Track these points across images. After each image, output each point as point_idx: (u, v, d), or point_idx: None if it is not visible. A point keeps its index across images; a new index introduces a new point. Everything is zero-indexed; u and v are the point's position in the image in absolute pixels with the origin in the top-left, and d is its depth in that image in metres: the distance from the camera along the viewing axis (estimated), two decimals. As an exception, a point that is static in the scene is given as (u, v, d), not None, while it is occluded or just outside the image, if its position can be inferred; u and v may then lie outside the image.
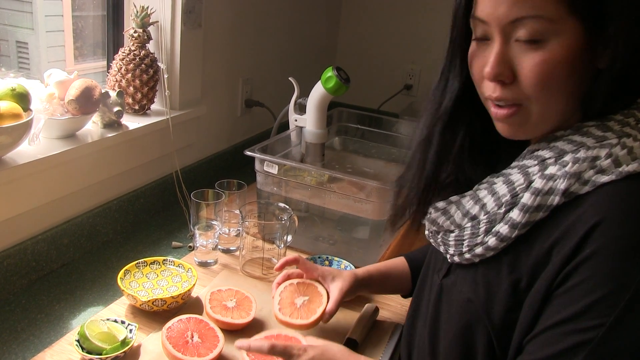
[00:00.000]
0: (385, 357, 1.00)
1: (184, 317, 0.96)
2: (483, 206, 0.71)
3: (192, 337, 0.92)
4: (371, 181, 1.24)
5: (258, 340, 0.86)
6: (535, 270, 0.65)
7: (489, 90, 0.68)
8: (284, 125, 1.60)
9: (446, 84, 0.77)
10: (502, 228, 0.68)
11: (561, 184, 0.64)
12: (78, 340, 0.91)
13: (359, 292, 1.05)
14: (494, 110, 0.69)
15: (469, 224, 0.72)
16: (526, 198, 0.66)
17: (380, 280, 1.06)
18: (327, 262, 1.24)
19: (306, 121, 1.49)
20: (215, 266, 1.24)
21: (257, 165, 1.33)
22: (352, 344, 0.99)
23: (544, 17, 0.62)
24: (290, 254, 1.29)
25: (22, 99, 1.06)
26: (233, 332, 1.00)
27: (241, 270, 1.23)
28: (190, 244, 1.32)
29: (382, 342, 1.03)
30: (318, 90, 1.45)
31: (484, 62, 0.67)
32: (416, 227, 0.88)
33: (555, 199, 0.64)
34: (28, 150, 1.10)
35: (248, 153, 1.31)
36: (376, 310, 1.10)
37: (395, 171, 1.59)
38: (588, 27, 0.62)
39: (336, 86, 1.41)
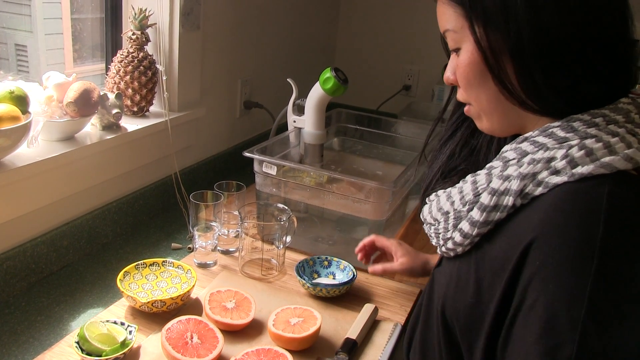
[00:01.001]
0: (385, 357, 1.00)
1: (183, 318, 0.96)
2: (452, 203, 0.73)
3: (192, 338, 0.93)
4: (370, 181, 1.24)
5: None
6: (494, 272, 0.66)
7: None
8: (283, 127, 1.60)
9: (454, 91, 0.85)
10: (464, 225, 0.70)
11: (515, 185, 0.64)
12: (78, 342, 0.91)
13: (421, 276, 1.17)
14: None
15: (442, 219, 0.75)
16: (484, 197, 0.68)
17: None
18: (326, 263, 1.24)
19: (305, 122, 1.49)
20: (215, 267, 1.25)
21: (256, 167, 1.34)
22: (352, 344, 0.99)
23: (451, 29, 0.70)
24: (292, 255, 1.30)
25: (21, 101, 1.06)
26: (232, 333, 1.00)
27: (240, 271, 1.23)
28: (190, 246, 1.32)
29: (382, 342, 1.04)
30: (316, 91, 1.45)
31: None
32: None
33: (510, 200, 0.65)
34: (27, 152, 1.10)
35: (247, 154, 1.31)
36: (375, 310, 1.10)
37: (394, 171, 1.59)
38: (482, 29, 0.65)
39: (334, 87, 1.42)
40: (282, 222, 1.23)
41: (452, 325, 0.73)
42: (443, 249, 0.76)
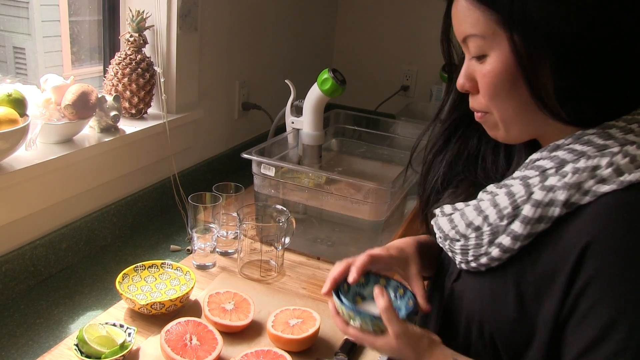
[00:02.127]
0: (384, 358, 1.00)
1: (182, 320, 0.97)
2: (486, 217, 0.71)
3: (191, 339, 0.93)
4: (368, 182, 1.24)
5: None
6: (541, 284, 0.65)
7: None
8: (281, 128, 1.60)
9: (448, 96, 0.83)
10: (505, 240, 0.68)
11: (561, 195, 0.63)
12: (77, 345, 0.91)
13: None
14: (475, 115, 0.74)
15: (473, 235, 0.72)
16: (527, 210, 0.66)
17: (427, 251, 0.92)
18: (382, 281, 0.86)
19: (303, 123, 1.50)
20: (214, 269, 1.25)
21: (255, 168, 1.34)
22: (351, 345, 0.99)
23: (478, 35, 0.66)
24: (291, 256, 1.30)
25: (19, 104, 1.06)
26: (232, 334, 1.00)
27: (239, 273, 1.24)
28: (189, 247, 1.32)
29: (381, 342, 1.04)
30: (314, 92, 1.45)
31: None
32: (424, 228, 0.90)
33: (556, 211, 0.64)
34: (25, 155, 1.10)
35: (245, 156, 1.32)
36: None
37: (392, 172, 1.60)
38: (516, 38, 0.63)
39: (332, 88, 1.42)
40: (280, 224, 1.23)
41: (491, 340, 0.71)
42: (472, 264, 0.73)
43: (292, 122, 1.53)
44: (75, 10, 1.45)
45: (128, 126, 1.35)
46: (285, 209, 1.26)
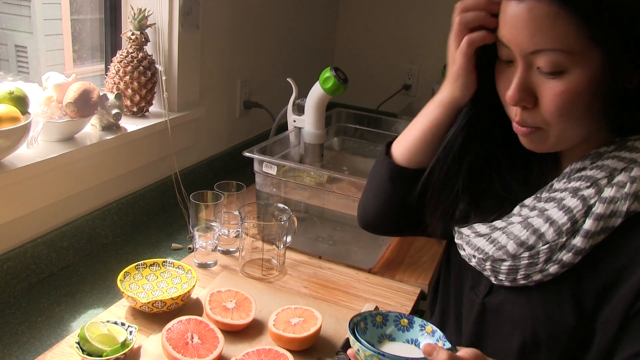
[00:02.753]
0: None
1: (183, 318, 0.96)
2: (541, 236, 0.69)
3: (192, 338, 0.92)
4: (370, 181, 1.24)
5: None
6: (602, 293, 0.65)
7: (512, 112, 0.69)
8: (283, 126, 1.60)
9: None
10: (566, 256, 0.67)
11: (623, 206, 0.64)
12: (78, 343, 0.91)
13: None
14: (514, 126, 0.70)
15: (525, 254, 0.70)
16: (589, 224, 0.65)
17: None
18: (404, 322, 0.76)
19: (305, 122, 1.49)
20: (215, 267, 1.24)
21: (256, 167, 1.34)
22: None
23: (563, 50, 0.60)
24: (293, 255, 1.30)
25: (20, 102, 1.06)
26: (233, 333, 1.00)
27: (241, 272, 1.23)
28: (190, 246, 1.32)
29: (382, 341, 1.03)
30: (316, 91, 1.45)
31: (508, 85, 0.67)
32: (438, 236, 0.86)
33: (618, 221, 0.64)
34: (27, 153, 1.10)
35: (247, 154, 1.31)
36: (376, 309, 1.10)
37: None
38: (612, 55, 0.60)
39: (334, 86, 1.41)
40: (282, 222, 1.23)
41: (548, 349, 0.71)
42: (521, 282, 0.71)
43: (294, 121, 1.53)
44: (76, 9, 1.45)
45: (129, 124, 1.35)
46: (286, 207, 1.26)
